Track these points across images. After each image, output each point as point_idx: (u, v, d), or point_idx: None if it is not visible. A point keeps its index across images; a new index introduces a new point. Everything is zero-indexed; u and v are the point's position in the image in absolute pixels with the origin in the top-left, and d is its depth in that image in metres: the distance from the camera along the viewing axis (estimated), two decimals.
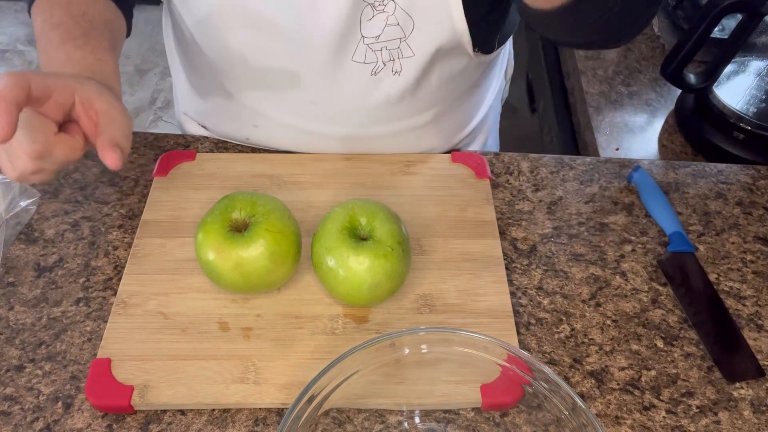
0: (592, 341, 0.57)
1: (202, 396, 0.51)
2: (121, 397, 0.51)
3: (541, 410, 0.48)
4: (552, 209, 0.68)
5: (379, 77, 0.64)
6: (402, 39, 0.61)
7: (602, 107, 0.90)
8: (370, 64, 0.63)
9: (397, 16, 0.60)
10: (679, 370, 0.56)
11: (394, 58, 0.63)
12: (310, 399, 0.45)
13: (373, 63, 0.63)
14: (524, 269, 0.62)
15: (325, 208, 0.59)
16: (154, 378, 0.52)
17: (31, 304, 0.58)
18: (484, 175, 0.70)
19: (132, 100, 2.25)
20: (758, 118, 0.79)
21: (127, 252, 0.62)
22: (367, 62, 0.63)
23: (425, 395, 0.52)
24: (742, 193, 0.71)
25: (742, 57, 0.85)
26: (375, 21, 0.60)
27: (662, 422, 0.52)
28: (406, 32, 0.61)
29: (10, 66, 2.38)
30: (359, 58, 0.62)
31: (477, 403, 0.52)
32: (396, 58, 0.63)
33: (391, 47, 0.62)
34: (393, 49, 0.62)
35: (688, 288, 0.61)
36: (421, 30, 0.61)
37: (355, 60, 0.62)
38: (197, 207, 0.65)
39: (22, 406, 0.52)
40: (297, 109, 0.69)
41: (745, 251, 0.65)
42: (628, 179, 0.71)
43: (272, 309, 0.57)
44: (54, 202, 0.67)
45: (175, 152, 0.71)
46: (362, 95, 0.66)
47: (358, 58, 0.62)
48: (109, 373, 0.52)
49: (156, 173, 0.68)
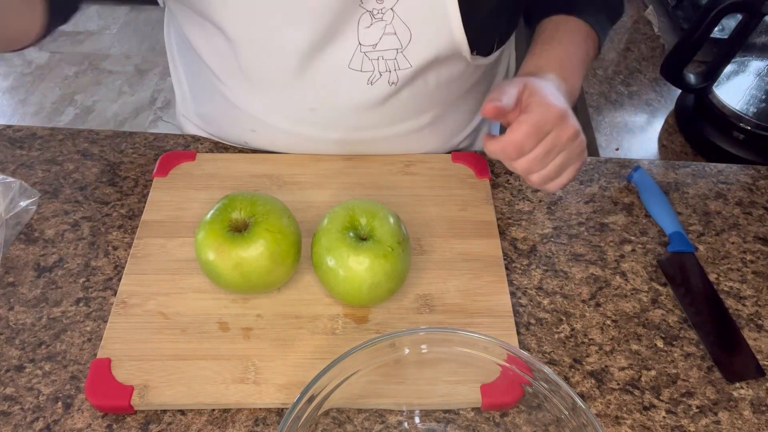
0: (592, 341, 0.57)
1: (202, 396, 0.51)
2: (121, 397, 0.51)
3: (541, 410, 0.48)
4: (552, 209, 0.68)
5: (375, 85, 0.64)
6: (399, 50, 0.61)
7: (602, 107, 0.90)
8: (367, 73, 0.63)
9: (395, 26, 0.60)
10: (679, 370, 0.56)
11: (391, 70, 0.63)
12: (310, 399, 0.45)
13: (369, 72, 0.63)
14: (524, 269, 0.62)
15: (325, 208, 0.59)
16: (154, 378, 0.52)
17: (31, 304, 0.58)
18: (484, 174, 0.70)
19: (132, 101, 2.25)
20: (758, 118, 0.79)
21: (126, 252, 0.62)
22: (363, 71, 0.63)
23: (425, 395, 0.52)
24: (742, 193, 0.71)
25: (741, 57, 0.85)
26: (373, 29, 0.60)
27: (662, 422, 0.52)
28: (403, 43, 0.61)
29: (10, 66, 2.38)
30: (356, 65, 0.62)
31: (477, 403, 0.52)
32: (392, 70, 0.63)
33: (387, 57, 0.62)
34: (389, 60, 0.62)
35: (688, 288, 0.61)
36: (419, 42, 0.61)
37: (352, 68, 0.63)
38: (197, 207, 0.65)
39: (22, 406, 0.52)
40: (295, 115, 0.69)
41: (745, 251, 0.65)
42: (628, 179, 0.71)
43: (272, 309, 0.57)
44: (54, 202, 0.67)
45: (174, 152, 0.71)
46: (359, 101, 0.66)
47: (355, 65, 0.62)
48: (109, 373, 0.52)
49: (156, 173, 0.68)
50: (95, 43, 2.49)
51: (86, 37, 2.52)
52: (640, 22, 1.07)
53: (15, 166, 0.70)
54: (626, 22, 1.07)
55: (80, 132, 0.75)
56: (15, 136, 0.74)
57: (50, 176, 0.69)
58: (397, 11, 0.59)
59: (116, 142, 0.74)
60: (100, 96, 2.27)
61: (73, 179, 0.69)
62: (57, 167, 0.71)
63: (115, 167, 0.71)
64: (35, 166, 0.70)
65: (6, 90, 2.28)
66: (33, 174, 0.70)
